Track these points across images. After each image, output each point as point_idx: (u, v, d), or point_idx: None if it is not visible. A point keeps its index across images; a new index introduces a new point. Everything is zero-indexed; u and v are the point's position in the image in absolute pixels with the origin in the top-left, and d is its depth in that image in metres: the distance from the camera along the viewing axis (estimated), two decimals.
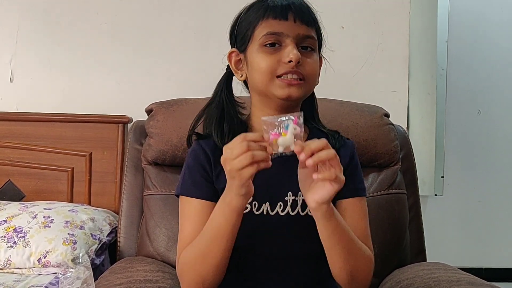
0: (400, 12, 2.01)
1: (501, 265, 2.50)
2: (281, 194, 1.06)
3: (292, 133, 0.88)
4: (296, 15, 1.02)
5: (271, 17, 1.02)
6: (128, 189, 1.59)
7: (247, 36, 1.05)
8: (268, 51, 1.02)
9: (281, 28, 1.01)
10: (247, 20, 1.06)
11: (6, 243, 1.52)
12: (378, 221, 1.47)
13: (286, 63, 1.00)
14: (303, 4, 1.05)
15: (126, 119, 1.89)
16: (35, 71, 1.97)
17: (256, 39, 1.03)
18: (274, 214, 1.06)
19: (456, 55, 2.43)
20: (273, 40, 1.02)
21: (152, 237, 1.47)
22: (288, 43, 1.01)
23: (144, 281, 1.18)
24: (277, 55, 1.01)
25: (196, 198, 1.07)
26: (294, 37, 1.01)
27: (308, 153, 0.87)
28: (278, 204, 1.06)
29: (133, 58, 1.97)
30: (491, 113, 2.53)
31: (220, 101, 1.12)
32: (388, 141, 1.56)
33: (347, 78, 1.96)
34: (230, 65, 1.11)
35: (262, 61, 1.02)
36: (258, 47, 1.03)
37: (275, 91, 1.02)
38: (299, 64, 1.01)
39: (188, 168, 1.11)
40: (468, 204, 2.51)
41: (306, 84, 1.03)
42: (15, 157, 1.87)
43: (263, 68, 1.02)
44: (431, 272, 1.28)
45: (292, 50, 1.00)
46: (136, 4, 1.98)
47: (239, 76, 1.10)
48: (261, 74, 1.03)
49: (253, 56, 1.04)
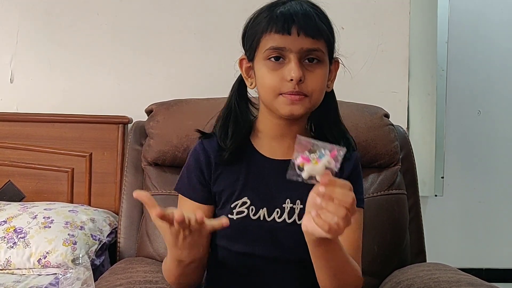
0: (400, 13, 2.01)
1: (501, 265, 2.51)
2: (279, 200, 1.07)
3: (325, 165, 0.80)
4: (300, 28, 0.98)
5: (273, 30, 0.99)
6: (128, 190, 1.59)
7: (253, 46, 1.04)
8: (271, 66, 1.00)
9: (284, 43, 0.98)
10: (253, 29, 1.04)
11: (6, 244, 1.52)
12: (378, 221, 1.47)
13: (288, 81, 0.98)
14: (309, 14, 1.00)
15: (126, 119, 1.89)
16: (35, 71, 1.97)
17: (261, 51, 1.02)
18: (270, 220, 1.06)
19: (456, 55, 2.43)
20: (276, 54, 1.00)
21: (152, 237, 1.47)
22: (291, 59, 0.99)
23: (144, 282, 1.18)
24: (280, 72, 0.99)
25: (190, 199, 1.09)
26: (297, 52, 0.98)
27: (327, 183, 0.80)
28: (276, 211, 1.06)
29: (133, 58, 1.97)
30: (491, 113, 2.53)
31: (230, 103, 1.12)
32: (388, 142, 1.56)
33: (347, 79, 1.95)
34: (241, 71, 1.10)
35: (266, 78, 1.01)
36: (262, 60, 1.02)
37: (279, 108, 1.01)
38: (301, 82, 0.98)
39: (187, 168, 1.12)
40: (468, 204, 2.51)
41: (310, 100, 1.01)
42: (15, 157, 1.87)
43: (266, 86, 1.01)
44: (431, 273, 1.28)
45: (294, 67, 0.98)
46: (136, 4, 1.98)
47: (249, 84, 1.09)
48: (265, 91, 1.03)
49: (259, 68, 1.03)
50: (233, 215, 1.06)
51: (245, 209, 1.06)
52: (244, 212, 1.06)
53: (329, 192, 0.79)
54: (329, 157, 0.81)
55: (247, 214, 1.06)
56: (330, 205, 0.80)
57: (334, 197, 0.79)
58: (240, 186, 1.07)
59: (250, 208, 1.06)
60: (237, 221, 1.06)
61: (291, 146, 1.07)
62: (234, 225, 1.05)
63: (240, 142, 1.09)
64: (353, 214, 0.81)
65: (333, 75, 1.10)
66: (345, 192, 0.80)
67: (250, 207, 1.06)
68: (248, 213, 1.06)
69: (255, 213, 1.06)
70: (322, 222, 0.80)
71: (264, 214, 1.06)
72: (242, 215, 1.06)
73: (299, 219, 1.05)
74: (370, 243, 1.42)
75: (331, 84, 1.09)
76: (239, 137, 1.09)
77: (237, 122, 1.09)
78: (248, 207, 1.06)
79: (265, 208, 1.06)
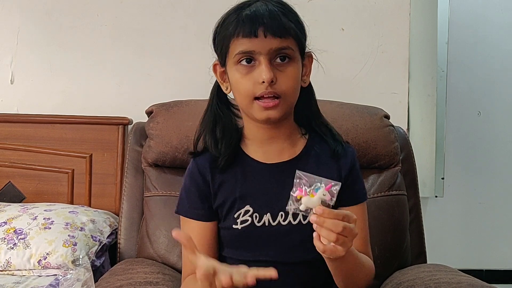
0: (400, 14, 2.01)
1: (501, 267, 2.50)
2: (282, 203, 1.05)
3: (320, 198, 0.87)
4: (266, 30, 0.98)
5: (241, 35, 0.99)
6: (129, 191, 1.59)
7: (224, 52, 1.03)
8: (243, 70, 1.01)
9: (252, 46, 0.98)
10: (222, 34, 1.03)
11: (6, 245, 1.52)
12: (378, 222, 1.47)
13: (260, 83, 0.98)
14: (275, 13, 0.99)
15: (126, 120, 1.89)
16: (35, 72, 1.97)
17: (231, 56, 1.02)
18: (275, 225, 1.06)
19: (456, 56, 2.43)
20: (246, 57, 1.00)
21: (152, 238, 1.47)
22: (261, 61, 0.99)
23: (144, 283, 1.18)
24: (251, 75, 1.00)
25: (193, 219, 1.09)
26: (266, 53, 0.98)
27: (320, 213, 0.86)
28: (280, 214, 1.06)
29: (133, 59, 1.97)
30: (491, 114, 2.53)
31: (212, 108, 1.11)
32: (389, 143, 1.56)
33: (347, 80, 1.96)
34: (216, 77, 1.10)
35: (239, 84, 1.01)
36: (234, 65, 1.02)
37: (255, 114, 1.02)
38: (274, 83, 0.98)
39: (185, 189, 1.12)
40: (469, 205, 2.51)
41: (284, 101, 1.01)
42: (15, 158, 1.87)
43: (241, 91, 1.02)
44: (432, 274, 1.27)
45: (265, 69, 0.98)
46: (136, 6, 1.98)
47: (225, 88, 1.09)
48: (240, 97, 1.03)
49: (232, 74, 1.03)
50: (237, 225, 1.06)
51: (248, 217, 1.06)
52: (248, 220, 1.06)
53: (321, 223, 0.86)
54: (324, 189, 0.88)
55: (251, 222, 1.06)
56: (322, 231, 0.86)
57: (324, 226, 0.86)
58: (240, 195, 1.07)
59: (254, 215, 1.06)
60: (242, 230, 1.06)
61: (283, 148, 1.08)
62: (239, 234, 1.06)
63: (232, 148, 1.08)
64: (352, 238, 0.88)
65: (308, 70, 1.09)
66: (336, 223, 0.85)
67: (254, 214, 1.06)
68: (252, 220, 1.06)
69: (259, 220, 1.06)
70: (319, 243, 0.88)
71: (268, 220, 1.06)
72: (247, 223, 1.06)
73: (304, 219, 1.05)
74: (370, 244, 1.42)
75: (306, 79, 1.09)
76: (229, 141, 1.08)
77: (225, 127, 1.09)
78: (251, 215, 1.06)
79: (269, 213, 1.06)
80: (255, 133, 1.09)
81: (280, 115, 1.01)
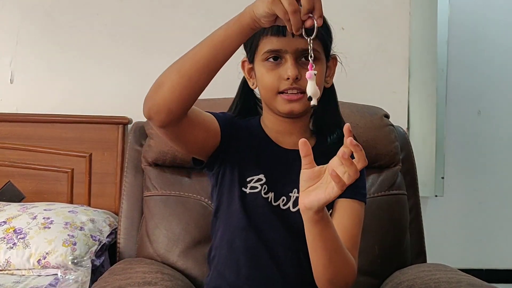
0: (400, 13, 2.01)
1: (501, 266, 2.50)
2: (287, 189, 1.10)
3: None
4: None
5: (270, 33, 1.05)
6: (128, 190, 1.59)
7: (253, 49, 1.09)
8: (270, 66, 1.06)
9: (280, 44, 1.04)
10: None
11: (6, 244, 1.52)
12: (378, 222, 1.47)
13: (285, 79, 1.04)
14: None
15: (126, 120, 1.89)
16: (35, 72, 1.97)
17: (259, 54, 1.08)
18: (276, 205, 1.10)
19: (456, 55, 2.43)
20: (273, 56, 1.06)
21: (152, 238, 1.47)
22: (287, 59, 1.05)
23: (143, 283, 1.18)
24: (277, 71, 1.05)
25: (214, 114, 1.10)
26: (293, 52, 1.04)
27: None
28: (282, 198, 1.10)
29: (133, 59, 1.97)
30: (491, 113, 2.52)
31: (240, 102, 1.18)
32: (388, 142, 1.56)
33: (347, 79, 1.95)
34: (244, 73, 1.16)
35: (265, 78, 1.07)
36: (261, 61, 1.08)
37: (278, 107, 1.07)
38: (298, 80, 1.04)
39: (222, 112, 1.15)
40: (469, 205, 2.51)
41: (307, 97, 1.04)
42: (15, 158, 1.87)
43: (266, 85, 1.07)
44: (432, 273, 1.27)
45: (290, 67, 1.03)
46: (136, 5, 1.98)
47: (251, 84, 1.15)
48: (265, 90, 1.09)
49: (258, 69, 1.09)
50: (247, 189, 1.09)
51: (258, 185, 1.09)
52: (257, 188, 1.09)
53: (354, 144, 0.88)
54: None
55: (259, 191, 1.09)
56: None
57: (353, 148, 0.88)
58: (256, 163, 1.11)
59: (263, 186, 1.09)
60: (249, 195, 1.09)
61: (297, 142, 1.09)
62: (246, 198, 1.09)
63: (257, 122, 1.16)
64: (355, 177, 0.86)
65: (331, 71, 1.15)
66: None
67: (264, 185, 1.09)
68: (260, 190, 1.09)
69: (266, 192, 1.09)
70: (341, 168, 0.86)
71: (271, 198, 1.10)
72: (255, 190, 1.09)
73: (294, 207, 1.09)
74: (370, 243, 1.42)
75: (330, 80, 1.15)
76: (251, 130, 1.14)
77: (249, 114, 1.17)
78: (262, 184, 1.09)
79: (273, 192, 1.10)
80: (272, 124, 1.14)
81: (303, 109, 1.06)
